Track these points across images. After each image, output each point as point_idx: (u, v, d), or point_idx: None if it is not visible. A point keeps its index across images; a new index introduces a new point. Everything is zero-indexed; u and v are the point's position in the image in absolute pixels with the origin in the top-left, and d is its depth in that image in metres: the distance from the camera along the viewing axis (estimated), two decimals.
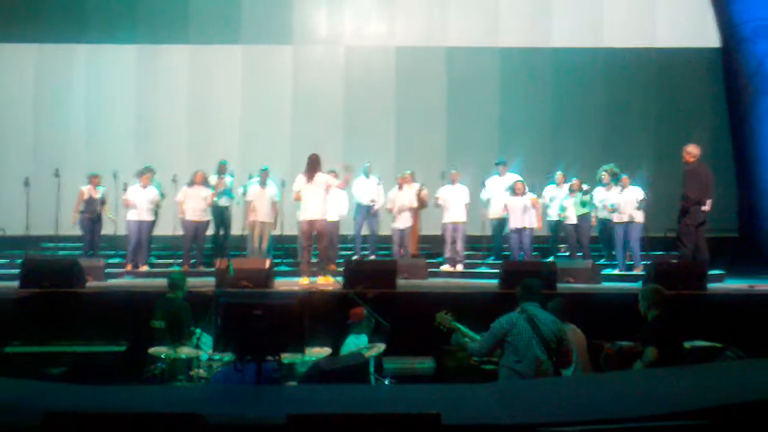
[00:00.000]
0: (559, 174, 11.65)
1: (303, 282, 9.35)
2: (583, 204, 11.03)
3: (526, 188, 10.91)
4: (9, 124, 13.64)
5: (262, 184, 11.02)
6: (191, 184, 10.86)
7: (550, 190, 11.64)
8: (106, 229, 11.22)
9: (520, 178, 11.12)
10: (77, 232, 11.11)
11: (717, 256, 9.89)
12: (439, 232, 11.37)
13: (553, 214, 11.44)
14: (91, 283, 9.18)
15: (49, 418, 2.82)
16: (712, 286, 9.00)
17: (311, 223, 9.52)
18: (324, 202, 9.58)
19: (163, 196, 11.16)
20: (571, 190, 11.10)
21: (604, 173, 11.01)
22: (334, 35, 14.27)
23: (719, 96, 13.75)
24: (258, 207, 10.94)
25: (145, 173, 10.87)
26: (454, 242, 11.08)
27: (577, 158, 12.64)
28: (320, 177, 9.48)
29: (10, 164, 13.13)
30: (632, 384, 4.32)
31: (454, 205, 11.13)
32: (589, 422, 3.11)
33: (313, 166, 9.47)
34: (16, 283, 8.59)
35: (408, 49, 14.03)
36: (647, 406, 3.39)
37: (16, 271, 8.91)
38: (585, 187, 11.11)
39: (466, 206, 11.21)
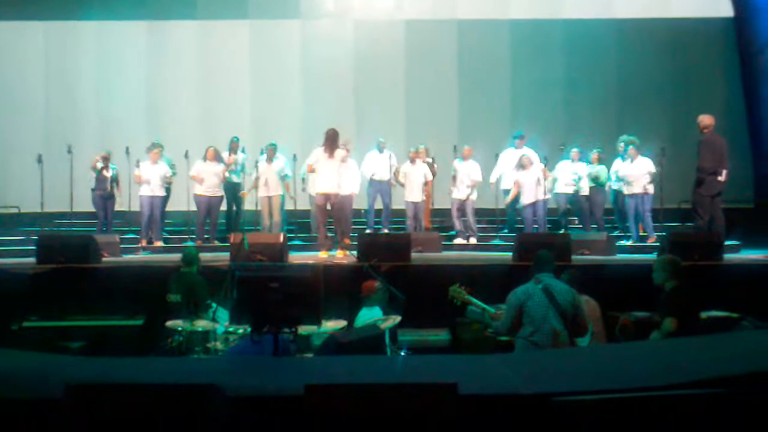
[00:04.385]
0: (574, 151, 11.38)
1: (321, 256, 9.38)
2: (595, 178, 10.99)
3: (534, 160, 10.82)
4: (20, 102, 13.60)
5: (269, 159, 10.99)
6: (204, 159, 10.87)
7: (564, 165, 11.41)
8: (119, 206, 11.28)
9: (527, 153, 11.02)
10: (91, 209, 11.19)
11: (733, 227, 9.82)
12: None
13: (564, 188, 11.25)
14: (107, 259, 9.25)
15: (71, 390, 2.85)
16: (729, 256, 8.95)
17: (327, 196, 9.54)
18: (339, 176, 9.64)
19: (174, 172, 11.20)
20: (589, 162, 11.04)
21: (622, 144, 10.85)
22: (342, 9, 14.13)
23: (733, 66, 13.55)
24: (266, 182, 10.92)
25: (154, 149, 10.91)
26: (463, 216, 11.08)
27: (589, 130, 12.54)
28: (338, 152, 9.49)
29: (22, 142, 13.13)
30: (649, 354, 4.32)
31: (461, 181, 11.10)
32: (606, 391, 3.10)
33: (332, 140, 9.47)
34: (32, 259, 8.67)
35: (417, 22, 13.88)
36: (664, 375, 3.38)
37: (32, 247, 8.99)
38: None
39: (476, 183, 11.16)
